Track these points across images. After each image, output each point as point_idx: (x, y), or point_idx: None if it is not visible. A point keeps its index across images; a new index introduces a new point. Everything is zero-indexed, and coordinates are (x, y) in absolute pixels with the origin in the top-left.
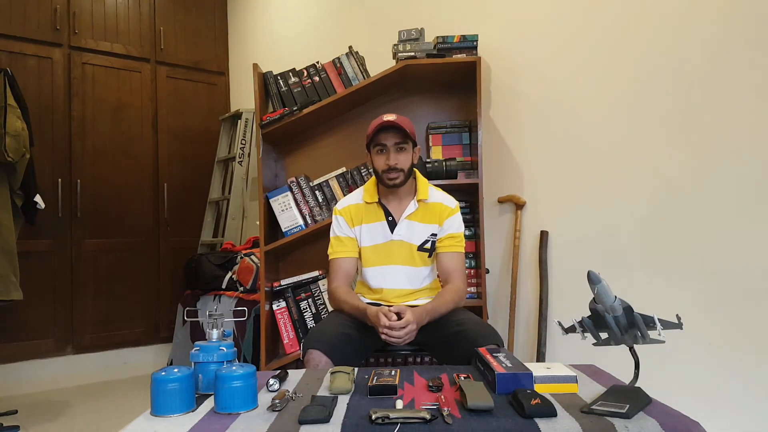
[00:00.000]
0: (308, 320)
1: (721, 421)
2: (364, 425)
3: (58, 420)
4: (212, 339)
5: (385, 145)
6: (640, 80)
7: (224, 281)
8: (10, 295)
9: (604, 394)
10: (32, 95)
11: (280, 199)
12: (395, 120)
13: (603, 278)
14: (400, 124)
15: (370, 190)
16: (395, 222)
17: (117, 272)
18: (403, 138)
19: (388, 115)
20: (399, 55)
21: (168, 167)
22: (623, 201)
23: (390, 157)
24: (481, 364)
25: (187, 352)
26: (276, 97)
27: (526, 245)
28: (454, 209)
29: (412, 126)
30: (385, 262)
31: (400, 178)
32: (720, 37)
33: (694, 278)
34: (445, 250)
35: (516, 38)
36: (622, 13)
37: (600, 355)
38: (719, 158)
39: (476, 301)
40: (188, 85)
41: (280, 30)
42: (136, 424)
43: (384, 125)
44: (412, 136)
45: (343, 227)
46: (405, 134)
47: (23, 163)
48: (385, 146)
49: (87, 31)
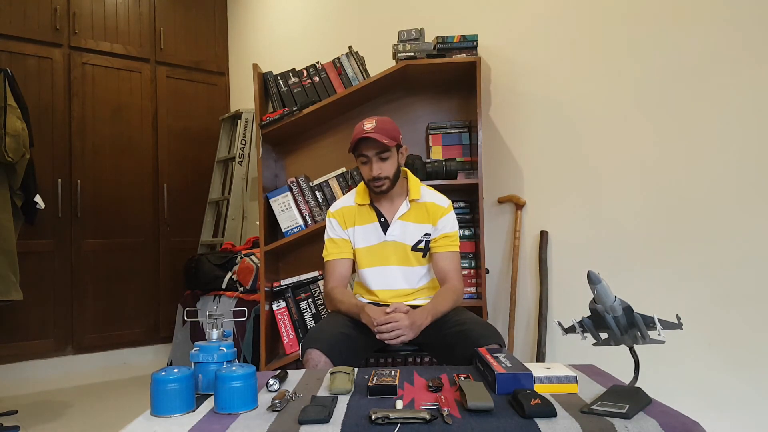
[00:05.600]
0: (308, 320)
1: (721, 421)
2: (364, 425)
3: (58, 420)
4: (212, 339)
5: (367, 156)
6: (640, 80)
7: (224, 281)
8: (10, 295)
9: (604, 395)
10: (32, 95)
11: (280, 199)
12: (375, 130)
13: (603, 278)
14: (377, 136)
15: (362, 192)
16: (388, 223)
17: (117, 272)
18: (383, 147)
19: (369, 120)
20: (399, 55)
21: (168, 167)
22: (623, 201)
23: (373, 168)
24: (481, 365)
25: (187, 352)
26: (276, 97)
27: (526, 245)
28: (447, 208)
29: (394, 128)
30: (380, 263)
31: (386, 185)
32: (719, 37)
33: (694, 278)
34: (441, 250)
35: (516, 38)
36: (622, 14)
37: (600, 355)
38: (719, 158)
39: (476, 301)
40: (188, 85)
41: (280, 30)
42: (136, 424)
43: (363, 137)
44: (394, 142)
45: (336, 229)
46: (384, 144)
47: (23, 163)
48: (367, 157)
49: (87, 31)
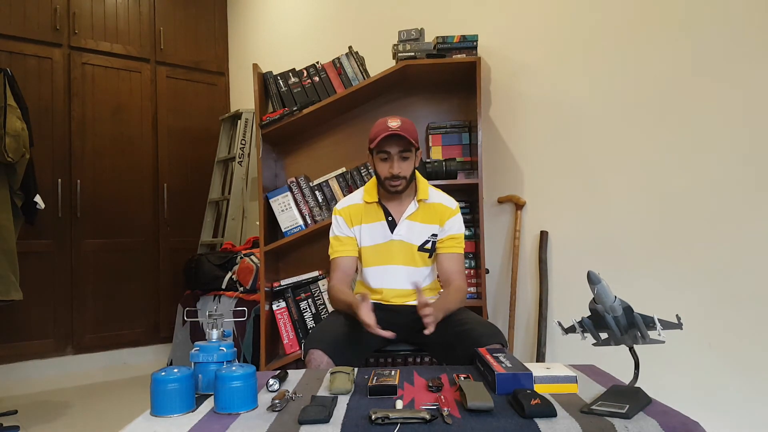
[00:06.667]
0: (308, 320)
1: (721, 421)
2: (364, 425)
3: (58, 420)
4: (212, 339)
5: (389, 152)
6: (640, 80)
7: (224, 281)
8: (10, 295)
9: (603, 394)
10: (32, 95)
11: (280, 199)
12: (400, 129)
13: (603, 278)
14: (404, 134)
15: (371, 190)
16: (395, 222)
17: (117, 272)
18: (407, 146)
19: (392, 119)
20: (399, 55)
21: (168, 167)
22: (623, 201)
23: (394, 166)
24: (481, 365)
25: (187, 352)
26: (276, 97)
27: (525, 245)
28: (455, 210)
29: (416, 130)
30: (385, 262)
31: (402, 185)
32: (718, 37)
33: (694, 278)
34: (446, 251)
35: (516, 38)
36: (622, 14)
37: (600, 355)
38: (719, 159)
39: (476, 301)
40: (188, 85)
41: (280, 30)
42: (136, 424)
43: (389, 134)
44: (416, 143)
45: (342, 227)
46: (409, 142)
47: (23, 163)
48: (389, 154)
49: (87, 31)
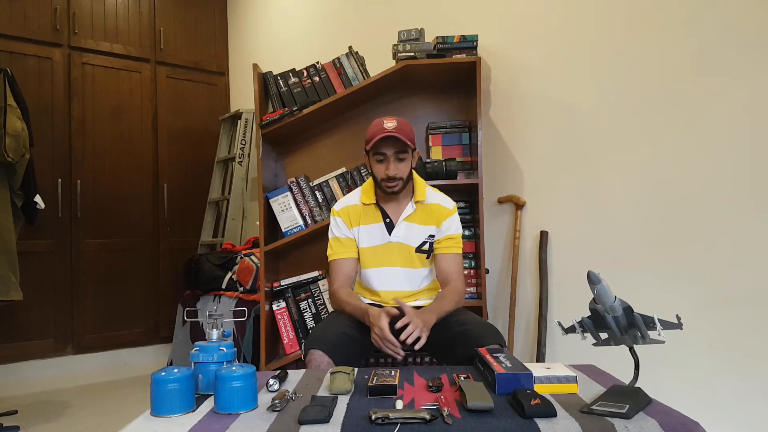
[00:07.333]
0: (308, 320)
1: (721, 421)
2: (364, 425)
3: (58, 420)
4: (212, 339)
5: (385, 154)
6: (639, 80)
7: (224, 281)
8: (10, 295)
9: (603, 395)
10: (32, 95)
11: (280, 199)
12: (396, 130)
13: (603, 278)
14: (400, 136)
15: (368, 191)
16: (393, 224)
17: (117, 272)
18: (403, 147)
19: (388, 120)
20: (399, 55)
21: (168, 167)
22: (623, 201)
23: (390, 167)
24: (481, 365)
25: (187, 352)
26: (276, 97)
27: (526, 245)
28: (452, 210)
29: (412, 130)
30: (383, 263)
31: (399, 186)
32: (718, 37)
33: (694, 278)
34: (444, 252)
35: (516, 38)
36: (621, 14)
37: (600, 355)
38: (719, 159)
39: (476, 301)
40: (188, 85)
41: (280, 30)
42: (136, 424)
43: (385, 136)
44: (412, 144)
45: (342, 228)
46: (405, 143)
47: (23, 163)
48: (385, 155)
49: (87, 32)
